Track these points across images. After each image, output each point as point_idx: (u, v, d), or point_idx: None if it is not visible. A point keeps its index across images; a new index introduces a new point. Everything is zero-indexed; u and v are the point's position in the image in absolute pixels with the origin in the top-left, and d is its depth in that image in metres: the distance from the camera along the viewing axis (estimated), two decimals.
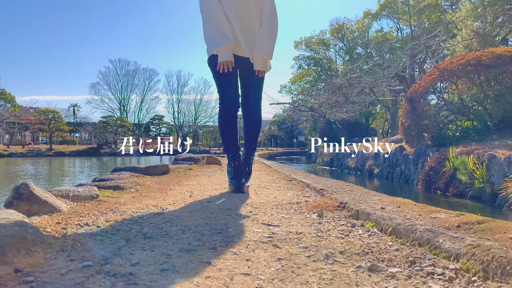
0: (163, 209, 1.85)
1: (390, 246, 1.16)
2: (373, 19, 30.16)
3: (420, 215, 1.41)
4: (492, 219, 1.21)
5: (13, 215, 1.16)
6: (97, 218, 1.56)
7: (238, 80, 2.67)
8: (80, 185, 2.58)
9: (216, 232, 1.37)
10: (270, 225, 1.49)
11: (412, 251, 1.08)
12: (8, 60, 71.33)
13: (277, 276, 0.91)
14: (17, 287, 0.78)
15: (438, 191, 7.01)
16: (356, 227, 1.43)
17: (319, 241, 1.24)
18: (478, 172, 6.14)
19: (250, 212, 1.78)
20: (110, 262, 0.99)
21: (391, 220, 1.32)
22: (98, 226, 1.41)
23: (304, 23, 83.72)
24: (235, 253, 1.10)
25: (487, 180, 6.01)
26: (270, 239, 1.26)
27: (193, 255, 1.08)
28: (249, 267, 0.97)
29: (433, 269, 0.92)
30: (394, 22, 29.30)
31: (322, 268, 0.97)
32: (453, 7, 22.40)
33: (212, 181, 3.52)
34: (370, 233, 1.34)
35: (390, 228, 1.29)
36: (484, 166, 6.09)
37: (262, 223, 1.52)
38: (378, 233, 1.32)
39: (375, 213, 1.46)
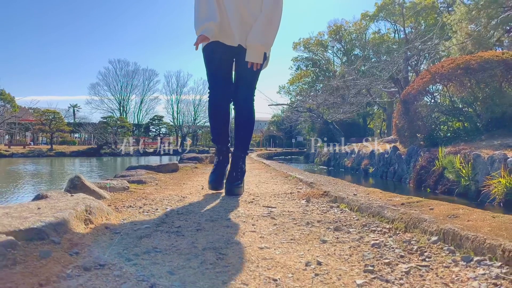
0: (183, 197, 2.33)
1: (353, 218, 1.64)
2: (371, 20, 30.64)
3: (380, 198, 1.89)
4: (427, 199, 1.70)
5: (87, 197, 1.64)
6: (135, 203, 2.04)
7: (232, 71, 2.53)
8: (108, 179, 3.06)
9: (229, 210, 1.85)
10: (269, 207, 1.97)
11: (367, 219, 1.57)
12: (7, 60, 71.75)
13: (273, 232, 1.40)
14: (113, 236, 1.26)
15: (428, 189, 7.39)
16: (333, 208, 1.91)
17: (304, 215, 1.72)
18: (464, 171, 6.53)
19: (253, 199, 2.26)
20: (161, 225, 1.47)
21: (357, 201, 1.81)
22: (140, 207, 1.89)
23: (303, 24, 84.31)
24: (244, 222, 1.58)
25: (472, 178, 6.43)
26: (269, 214, 1.74)
27: (215, 223, 1.56)
28: (254, 228, 1.46)
29: (376, 228, 1.41)
30: (391, 23, 29.81)
31: (303, 229, 1.45)
32: (450, 9, 22.79)
33: None
34: (342, 211, 1.82)
35: (356, 207, 1.78)
36: (469, 165, 6.50)
37: (263, 206, 2.00)
38: (348, 211, 1.81)
39: (348, 197, 1.94)
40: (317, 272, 0.95)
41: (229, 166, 2.62)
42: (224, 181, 2.54)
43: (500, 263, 0.91)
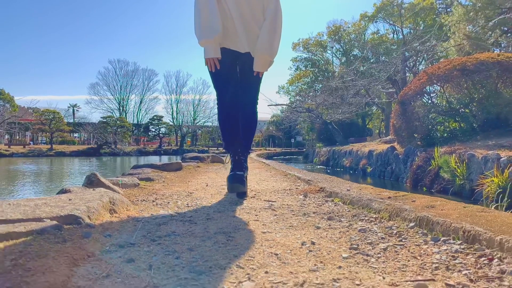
0: (190, 193, 2.53)
1: (345, 209, 1.84)
2: (370, 21, 30.85)
3: (371, 193, 2.09)
4: (411, 193, 1.90)
5: (108, 190, 1.83)
6: (147, 197, 2.23)
7: (237, 75, 2.52)
8: (119, 176, 3.25)
9: (233, 204, 2.05)
10: (270, 201, 2.17)
11: (357, 211, 1.77)
12: (7, 60, 71.93)
13: (274, 221, 1.59)
14: (136, 223, 1.46)
15: (424, 188, 7.56)
16: (328, 201, 2.11)
17: (301, 208, 1.92)
18: (459, 170, 6.69)
19: (255, 194, 2.46)
20: (175, 215, 1.67)
21: (350, 196, 2.00)
22: (153, 201, 2.09)
23: (302, 24, 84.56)
24: (248, 213, 1.78)
25: (467, 177, 6.60)
26: (270, 207, 1.94)
27: (222, 214, 1.76)
28: (257, 218, 1.66)
29: (364, 217, 1.61)
30: (389, 24, 30.00)
31: (300, 218, 1.65)
32: (448, 10, 22.95)
33: (220, 176, 4.19)
34: (336, 204, 2.02)
35: (348, 200, 1.98)
36: (464, 165, 6.67)
37: (264, 200, 2.20)
38: (341, 204, 2.01)
39: (341, 192, 2.14)
40: (311, 249, 1.14)
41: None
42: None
43: (460, 241, 1.10)
